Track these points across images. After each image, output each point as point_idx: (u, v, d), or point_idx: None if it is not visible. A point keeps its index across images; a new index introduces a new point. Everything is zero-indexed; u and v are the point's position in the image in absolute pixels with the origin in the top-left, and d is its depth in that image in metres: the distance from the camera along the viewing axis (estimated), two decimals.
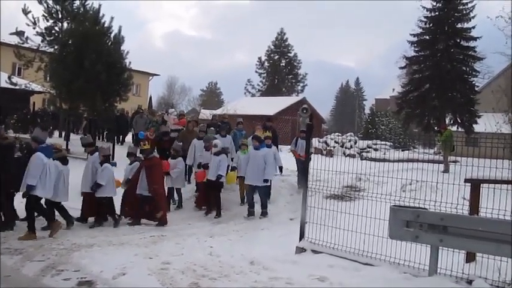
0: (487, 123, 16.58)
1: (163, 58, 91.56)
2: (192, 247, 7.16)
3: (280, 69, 55.69)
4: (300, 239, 6.65)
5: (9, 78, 17.29)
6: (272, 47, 56.33)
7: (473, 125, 22.23)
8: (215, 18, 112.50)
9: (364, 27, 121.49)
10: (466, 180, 5.79)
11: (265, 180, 9.98)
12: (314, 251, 6.34)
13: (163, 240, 7.67)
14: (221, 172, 10.13)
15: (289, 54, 56.37)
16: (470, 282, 4.81)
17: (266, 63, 56.10)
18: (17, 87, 17.65)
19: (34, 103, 22.09)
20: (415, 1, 22.92)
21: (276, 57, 56.12)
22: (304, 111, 12.63)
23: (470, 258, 5.59)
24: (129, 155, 10.12)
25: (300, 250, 6.51)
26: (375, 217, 5.84)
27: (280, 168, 11.08)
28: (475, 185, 5.79)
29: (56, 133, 21.07)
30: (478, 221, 4.70)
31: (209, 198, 10.43)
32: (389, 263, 5.50)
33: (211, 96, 72.03)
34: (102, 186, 8.95)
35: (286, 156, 13.25)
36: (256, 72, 56.33)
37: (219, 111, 34.57)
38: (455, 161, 13.97)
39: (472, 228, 4.60)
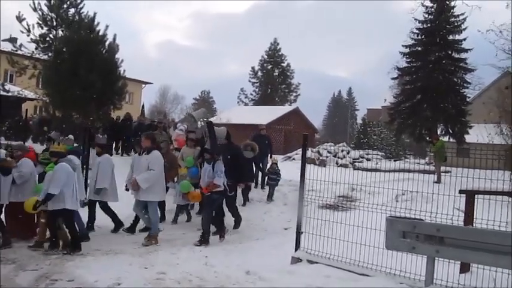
0: (479, 134, 16.74)
1: (157, 67, 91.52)
2: (187, 257, 7.12)
3: (273, 78, 55.86)
4: (296, 249, 6.65)
5: (1, 85, 17.25)
6: (265, 56, 56.53)
7: (465, 136, 22.41)
8: (208, 29, 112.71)
9: (356, 37, 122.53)
10: (461, 192, 5.85)
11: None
12: (310, 261, 6.33)
13: (158, 250, 7.62)
14: None
15: (282, 64, 56.57)
16: None
17: (259, 73, 56.29)
18: (10, 93, 17.58)
19: (26, 110, 21.97)
20: (408, 14, 23.18)
21: (269, 66, 56.30)
22: (192, 118, 10.31)
23: (464, 268, 5.62)
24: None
25: (296, 260, 6.50)
26: (370, 227, 5.87)
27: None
28: (470, 196, 5.85)
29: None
30: (474, 232, 4.73)
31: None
32: (386, 273, 5.51)
33: (204, 105, 72.03)
34: None
35: (282, 166, 13.27)
36: (249, 81, 56.50)
37: (211, 120, 34.57)
38: (446, 172, 14.11)
39: (468, 239, 4.63)
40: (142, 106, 42.42)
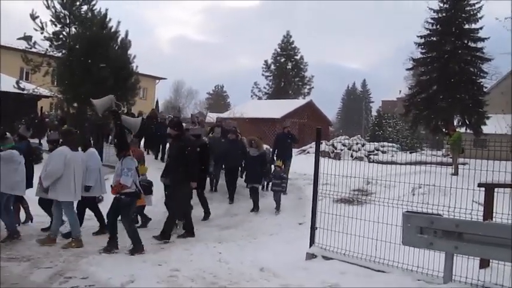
0: (496, 125, 16.40)
1: (170, 62, 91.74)
2: (201, 253, 7.07)
3: (286, 71, 55.60)
4: (310, 245, 6.56)
5: (17, 83, 17.34)
6: (278, 49, 56.25)
7: (482, 127, 22.02)
8: (220, 23, 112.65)
9: (370, 29, 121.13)
10: (479, 185, 5.68)
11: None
12: (325, 257, 6.25)
13: (171, 247, 7.60)
14: None
15: (295, 57, 56.24)
16: None
17: (272, 66, 56.04)
18: (25, 91, 17.69)
19: (41, 107, 22.15)
20: (422, 2, 22.83)
21: (283, 60, 56.02)
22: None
23: (484, 264, 5.48)
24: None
25: (311, 256, 6.41)
26: (386, 222, 5.75)
27: None
28: (489, 189, 5.68)
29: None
30: (494, 227, 4.58)
31: None
32: (403, 269, 5.40)
33: (218, 99, 72.26)
34: None
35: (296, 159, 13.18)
36: (262, 75, 56.31)
37: (225, 115, 34.57)
38: (464, 164, 13.85)
39: (488, 234, 4.48)
40: (157, 102, 42.56)
